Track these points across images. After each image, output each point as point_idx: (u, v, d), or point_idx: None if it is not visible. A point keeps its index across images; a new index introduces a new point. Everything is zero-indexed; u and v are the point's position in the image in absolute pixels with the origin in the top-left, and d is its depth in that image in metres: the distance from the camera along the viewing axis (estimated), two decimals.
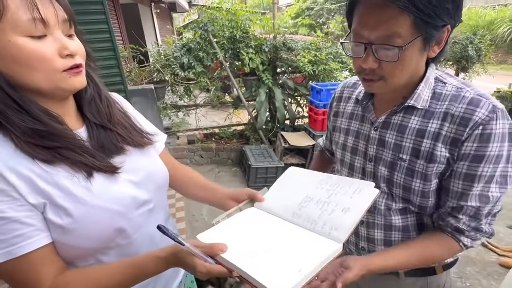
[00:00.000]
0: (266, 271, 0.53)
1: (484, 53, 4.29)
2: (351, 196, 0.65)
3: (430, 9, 0.56)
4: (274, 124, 3.82)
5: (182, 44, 3.37)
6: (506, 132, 0.63)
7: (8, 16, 0.46)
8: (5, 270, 0.50)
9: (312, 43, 3.72)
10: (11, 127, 0.49)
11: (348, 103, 0.88)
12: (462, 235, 0.70)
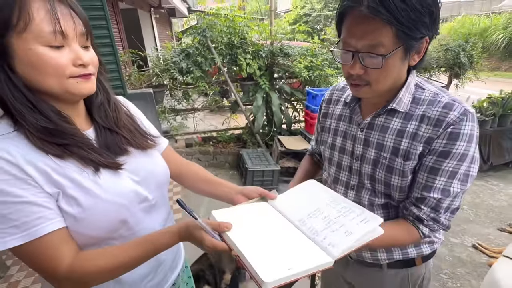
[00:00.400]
0: (260, 259, 0.58)
1: (476, 60, 4.39)
2: (357, 223, 0.67)
3: (410, 23, 0.62)
4: (271, 128, 3.88)
5: (181, 49, 3.44)
6: (474, 134, 0.70)
7: (32, 27, 0.52)
8: (27, 251, 0.54)
9: (308, 49, 3.80)
10: (26, 124, 0.55)
11: (337, 105, 0.94)
12: (421, 224, 0.76)
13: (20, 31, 0.52)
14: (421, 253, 0.89)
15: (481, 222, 2.79)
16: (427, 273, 0.94)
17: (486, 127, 3.62)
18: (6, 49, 0.52)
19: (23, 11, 0.51)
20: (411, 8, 0.61)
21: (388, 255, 0.89)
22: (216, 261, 1.93)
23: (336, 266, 1.02)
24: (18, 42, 0.52)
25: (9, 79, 0.54)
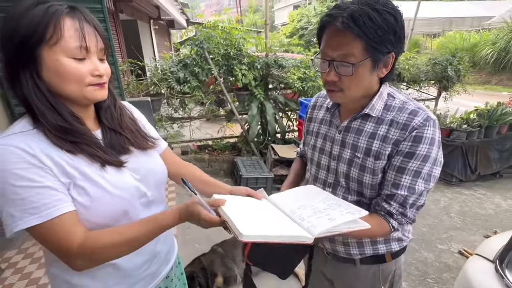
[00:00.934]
0: (244, 221, 0.67)
1: (463, 73, 4.57)
2: (342, 214, 0.74)
3: (377, 38, 0.73)
4: (265, 137, 3.97)
5: (179, 60, 3.56)
6: (435, 138, 0.79)
7: (62, 42, 0.62)
8: (45, 230, 0.61)
9: (301, 61, 3.94)
10: (46, 123, 0.63)
11: (320, 110, 1.04)
12: (392, 218, 0.84)
13: (51, 45, 0.61)
14: (390, 249, 0.96)
15: (468, 229, 2.87)
16: (397, 269, 1.02)
17: (473, 138, 3.74)
18: (36, 58, 0.62)
19: (56, 28, 0.61)
20: (378, 26, 0.72)
21: (360, 250, 0.97)
22: (208, 264, 1.98)
23: (317, 263, 1.10)
24: (48, 53, 0.62)
25: (36, 84, 0.63)
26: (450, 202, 3.38)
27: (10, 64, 0.63)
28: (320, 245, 1.05)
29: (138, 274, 0.80)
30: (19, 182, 0.59)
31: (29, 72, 0.62)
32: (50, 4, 0.62)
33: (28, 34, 0.60)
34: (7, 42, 0.61)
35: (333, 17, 0.75)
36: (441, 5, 22.85)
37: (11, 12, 0.62)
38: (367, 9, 0.72)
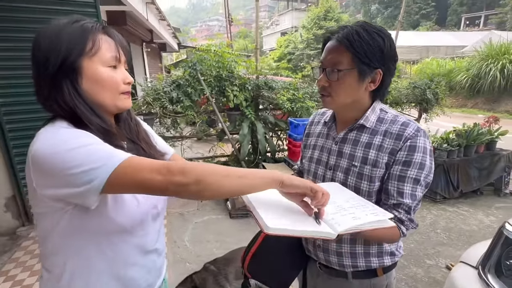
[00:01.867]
0: (268, 214, 0.70)
1: (441, 97, 4.87)
2: (366, 213, 0.75)
3: (362, 52, 0.85)
4: (256, 155, 4.04)
5: (172, 80, 3.66)
6: (427, 147, 0.87)
7: (99, 53, 0.69)
8: (131, 165, 0.61)
9: (290, 84, 4.12)
10: (91, 125, 0.68)
11: (318, 126, 1.12)
12: (402, 224, 0.89)
13: (90, 56, 0.68)
14: (382, 264, 0.99)
15: (454, 244, 2.95)
16: (389, 284, 1.04)
17: (454, 156, 3.94)
18: (77, 69, 0.68)
19: (95, 41, 0.69)
20: (365, 42, 0.84)
21: (352, 261, 0.99)
22: (200, 283, 1.95)
23: (310, 277, 1.12)
24: (88, 63, 0.68)
25: (77, 91, 0.68)
26: (436, 218, 3.48)
27: (51, 75, 0.67)
28: (314, 256, 1.08)
29: (140, 284, 0.81)
30: (88, 141, 0.63)
31: (70, 81, 0.68)
32: (85, 22, 0.70)
33: (70, 47, 0.67)
34: (50, 55, 0.66)
35: (332, 34, 0.91)
36: (418, 34, 24.53)
37: (49, 29, 0.68)
38: (359, 29, 0.86)
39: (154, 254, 0.85)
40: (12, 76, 2.58)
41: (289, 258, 1.10)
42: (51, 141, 0.62)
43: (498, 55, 11.36)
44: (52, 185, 0.63)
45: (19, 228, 2.85)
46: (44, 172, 0.62)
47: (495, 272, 1.15)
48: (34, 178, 0.64)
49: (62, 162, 0.60)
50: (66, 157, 0.60)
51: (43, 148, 0.62)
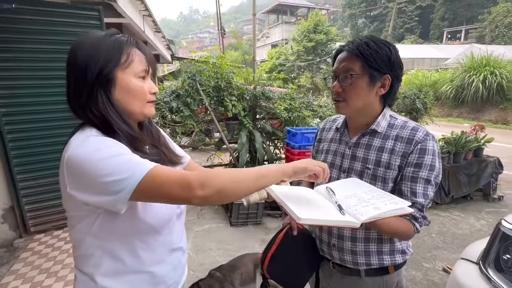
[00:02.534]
0: (297, 207, 0.76)
1: (430, 106, 5.09)
2: (386, 203, 0.80)
3: (371, 58, 0.94)
4: (254, 164, 4.09)
5: (172, 91, 3.72)
6: (435, 150, 0.95)
7: (132, 66, 0.75)
8: (159, 173, 0.65)
9: (287, 94, 4.24)
10: (121, 132, 0.73)
11: (329, 132, 1.20)
12: (416, 221, 0.96)
13: (124, 68, 0.74)
14: (394, 261, 1.05)
15: (449, 248, 3.05)
16: (400, 281, 1.09)
17: (444, 163, 4.09)
18: (112, 80, 0.73)
19: (129, 55, 0.74)
20: (373, 50, 0.94)
21: (366, 259, 1.05)
22: None
23: (322, 277, 1.17)
24: (122, 75, 0.74)
25: (110, 101, 0.73)
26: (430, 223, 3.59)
27: (87, 85, 0.72)
28: (328, 256, 1.13)
29: (166, 281, 0.85)
30: (118, 151, 0.66)
31: (104, 90, 0.73)
32: (119, 36, 0.76)
33: (108, 58, 0.72)
34: (89, 65, 0.71)
35: (344, 46, 1.01)
36: (403, 47, 25.45)
37: (87, 40, 0.74)
38: (367, 40, 0.96)
39: (179, 252, 0.90)
40: (15, 86, 2.59)
41: (305, 258, 1.15)
42: (84, 149, 0.66)
43: (479, 67, 11.92)
44: (84, 190, 0.66)
45: (16, 240, 2.79)
46: (77, 178, 0.67)
47: (494, 266, 1.23)
48: (68, 183, 0.69)
49: (95, 170, 0.63)
50: (98, 165, 0.63)
51: (76, 154, 0.66)
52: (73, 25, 2.70)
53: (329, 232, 1.11)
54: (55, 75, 2.70)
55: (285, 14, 30.56)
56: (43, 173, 2.81)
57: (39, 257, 2.53)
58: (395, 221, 0.91)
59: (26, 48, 2.56)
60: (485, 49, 13.65)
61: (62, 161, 0.70)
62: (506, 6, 26.05)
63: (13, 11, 2.44)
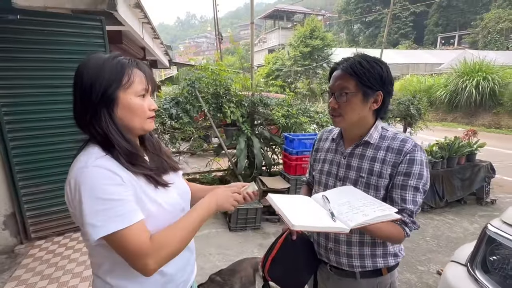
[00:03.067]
0: (293, 214, 0.85)
1: (423, 112, 5.20)
2: (374, 210, 0.87)
3: (365, 77, 1.02)
4: (252, 169, 4.15)
5: (171, 98, 3.79)
6: (423, 160, 1.03)
7: (133, 86, 0.81)
8: (123, 235, 0.72)
9: (284, 100, 4.33)
10: (119, 148, 0.79)
11: (326, 142, 1.28)
12: (406, 226, 1.03)
13: (125, 88, 0.80)
14: (387, 264, 1.12)
15: (443, 251, 3.12)
16: (393, 282, 1.16)
17: (438, 168, 4.19)
18: (114, 99, 0.79)
19: (130, 76, 0.80)
20: (366, 69, 1.02)
21: (361, 262, 1.12)
22: None
23: (320, 279, 1.23)
24: (123, 95, 0.80)
25: (112, 119, 0.80)
26: (424, 227, 3.66)
27: (91, 104, 0.78)
28: (325, 259, 1.20)
29: (176, 279, 0.92)
30: (106, 196, 0.72)
31: (107, 109, 0.79)
32: (121, 58, 0.82)
33: (110, 80, 0.78)
34: (94, 85, 0.77)
35: (338, 64, 1.08)
36: (398, 52, 25.83)
37: (91, 62, 0.80)
38: (361, 59, 1.04)
39: (187, 251, 0.96)
40: (18, 94, 2.64)
41: (304, 261, 1.21)
42: (83, 180, 0.73)
43: (472, 73, 12.15)
44: (73, 214, 0.79)
45: (17, 246, 2.82)
46: (70, 199, 0.77)
47: (481, 268, 1.31)
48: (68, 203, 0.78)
49: (81, 204, 0.72)
50: (86, 203, 0.72)
51: (74, 183, 0.74)
52: (76, 35, 2.77)
53: (326, 236, 1.18)
54: (58, 84, 2.76)
55: (282, 19, 30.87)
56: (44, 179, 2.85)
57: (40, 263, 2.56)
58: (387, 226, 0.98)
59: (30, 58, 2.62)
60: (478, 54, 13.94)
61: (67, 181, 0.77)
62: (498, 12, 26.62)
63: (18, 22, 2.50)
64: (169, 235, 0.79)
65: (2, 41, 2.50)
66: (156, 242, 0.76)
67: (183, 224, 0.83)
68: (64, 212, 2.98)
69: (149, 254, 0.74)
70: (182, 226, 0.82)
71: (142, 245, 0.74)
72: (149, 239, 0.76)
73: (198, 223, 0.86)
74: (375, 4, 38.64)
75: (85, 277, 2.37)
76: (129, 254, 0.74)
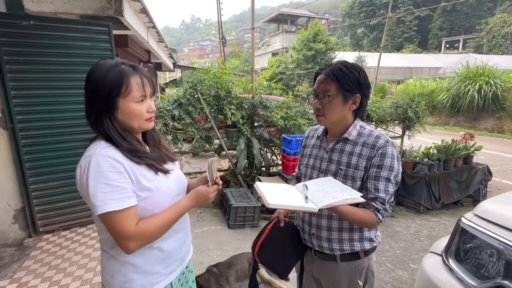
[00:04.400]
0: (271, 195, 1.00)
1: (421, 115, 5.28)
2: (342, 195, 1.02)
3: (344, 82, 1.15)
4: (251, 170, 4.27)
5: (174, 100, 3.93)
6: (394, 154, 1.15)
7: (131, 94, 0.93)
8: (116, 216, 0.86)
9: (283, 103, 4.45)
10: (120, 146, 0.92)
11: (312, 139, 1.41)
12: (378, 212, 1.14)
13: (124, 96, 0.92)
14: (363, 247, 1.24)
15: None
16: (370, 266, 1.28)
17: (434, 170, 4.26)
18: (114, 106, 0.91)
19: (128, 85, 0.92)
20: (345, 74, 1.15)
21: (339, 245, 1.24)
22: (203, 283, 2.13)
23: (306, 263, 1.35)
24: (123, 102, 0.92)
25: (112, 123, 0.92)
26: (419, 228, 3.74)
27: (96, 108, 0.91)
28: (309, 244, 1.32)
29: (173, 256, 1.05)
30: (107, 181, 0.85)
31: (108, 115, 0.92)
32: (122, 67, 0.93)
33: (111, 90, 0.90)
34: (95, 95, 0.90)
35: (321, 69, 1.22)
36: (402, 56, 25.84)
37: (97, 69, 0.92)
38: (341, 66, 1.17)
39: (183, 232, 1.10)
40: (30, 95, 2.80)
41: (291, 246, 1.34)
42: (90, 164, 0.86)
43: (475, 77, 12.16)
44: (80, 191, 0.92)
45: (26, 239, 2.96)
46: (79, 180, 0.89)
47: (455, 257, 1.40)
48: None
49: (88, 185, 0.85)
50: (91, 185, 0.85)
51: (84, 167, 0.87)
52: (85, 39, 2.93)
53: (309, 223, 1.30)
54: (67, 86, 2.93)
55: (286, 23, 31.12)
56: (52, 176, 3.00)
57: (48, 255, 2.70)
58: (358, 211, 1.12)
59: (42, 61, 2.78)
60: (482, 58, 13.93)
61: (79, 165, 0.91)
62: (503, 17, 26.54)
63: (32, 27, 2.67)
64: (151, 225, 0.92)
65: (16, 45, 2.67)
66: (140, 229, 0.89)
67: (163, 218, 0.95)
68: (71, 208, 3.13)
69: (132, 238, 0.88)
70: (162, 219, 0.95)
71: (128, 228, 0.87)
72: (135, 225, 0.89)
73: (176, 219, 0.99)
74: (379, 8, 38.74)
75: (90, 268, 2.50)
76: (116, 234, 0.88)
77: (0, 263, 2.58)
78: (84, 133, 3.12)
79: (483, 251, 1.32)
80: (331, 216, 1.24)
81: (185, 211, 1.01)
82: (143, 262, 0.98)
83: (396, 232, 3.57)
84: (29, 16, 2.75)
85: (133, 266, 0.96)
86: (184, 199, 1.02)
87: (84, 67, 2.96)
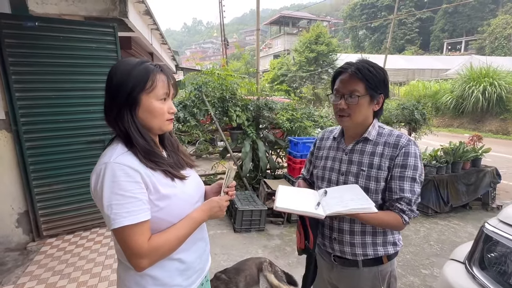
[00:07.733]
0: (283, 199, 1.02)
1: (428, 117, 5.22)
2: (355, 204, 1.00)
3: (373, 82, 1.12)
4: (257, 172, 4.22)
5: (179, 101, 3.89)
6: (417, 153, 1.12)
7: (155, 91, 0.88)
8: (128, 231, 0.80)
9: (289, 105, 4.40)
10: (138, 146, 0.87)
11: (327, 141, 1.36)
12: (404, 214, 1.11)
13: (148, 92, 0.87)
14: (387, 252, 1.20)
15: (447, 255, 3.10)
16: (393, 271, 1.24)
17: (442, 172, 4.19)
18: (137, 101, 0.87)
19: (154, 81, 0.88)
20: (373, 74, 1.12)
21: (363, 250, 1.19)
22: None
23: (322, 271, 1.30)
24: (145, 98, 0.87)
25: (133, 120, 0.87)
26: (428, 231, 3.67)
27: (117, 105, 0.87)
28: (329, 249, 1.27)
29: (194, 267, 0.99)
30: (121, 192, 0.80)
31: (130, 111, 0.87)
32: (148, 64, 0.90)
33: (136, 84, 0.86)
34: (119, 89, 0.85)
35: (345, 68, 1.16)
36: (404, 58, 25.80)
37: (121, 66, 0.88)
38: (367, 65, 1.13)
39: (202, 242, 1.04)
40: (34, 97, 2.77)
41: None
42: (105, 173, 0.81)
43: (479, 78, 12.09)
44: (95, 198, 0.86)
45: (29, 244, 2.91)
46: (93, 188, 0.84)
47: (479, 265, 1.34)
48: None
49: (102, 195, 0.80)
50: (105, 195, 0.80)
51: (98, 175, 0.82)
52: (90, 40, 2.89)
53: (330, 227, 1.26)
54: (72, 87, 2.89)
55: (287, 25, 31.15)
56: (56, 179, 2.95)
57: (52, 260, 2.65)
58: (381, 215, 1.09)
59: (46, 63, 2.75)
60: (485, 60, 13.85)
61: (94, 171, 0.85)
62: (505, 18, 26.49)
63: (37, 29, 2.64)
64: (164, 241, 0.86)
65: (21, 46, 2.64)
66: (152, 246, 0.84)
67: (177, 234, 0.89)
68: (75, 211, 3.08)
69: (144, 255, 0.82)
70: (176, 235, 0.89)
71: (141, 245, 0.81)
72: (147, 241, 0.83)
73: (189, 233, 0.93)
74: (381, 10, 38.77)
75: (94, 274, 2.45)
76: (128, 250, 0.82)
77: (3, 268, 2.53)
78: (89, 136, 3.09)
79: (509, 258, 1.26)
80: (353, 219, 1.19)
81: (198, 225, 0.95)
82: (163, 274, 0.92)
83: (405, 236, 3.50)
84: (33, 17, 2.72)
85: (152, 279, 0.91)
86: (197, 212, 0.96)
87: (89, 68, 2.92)
